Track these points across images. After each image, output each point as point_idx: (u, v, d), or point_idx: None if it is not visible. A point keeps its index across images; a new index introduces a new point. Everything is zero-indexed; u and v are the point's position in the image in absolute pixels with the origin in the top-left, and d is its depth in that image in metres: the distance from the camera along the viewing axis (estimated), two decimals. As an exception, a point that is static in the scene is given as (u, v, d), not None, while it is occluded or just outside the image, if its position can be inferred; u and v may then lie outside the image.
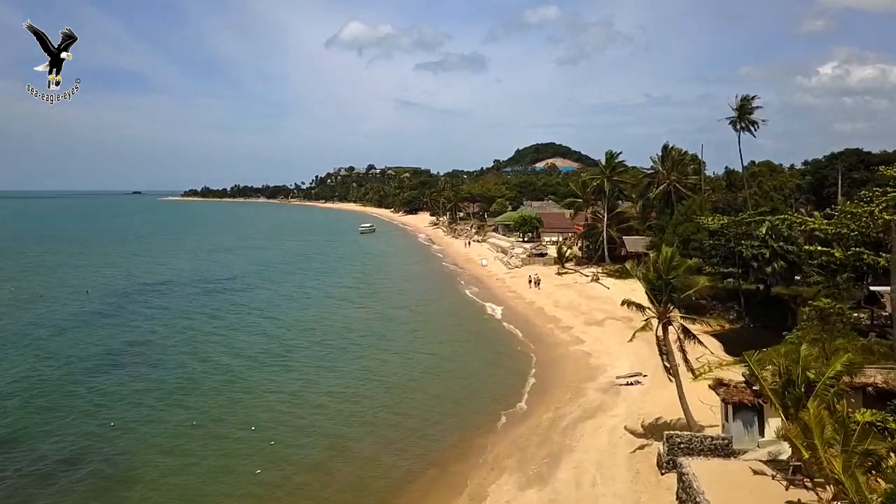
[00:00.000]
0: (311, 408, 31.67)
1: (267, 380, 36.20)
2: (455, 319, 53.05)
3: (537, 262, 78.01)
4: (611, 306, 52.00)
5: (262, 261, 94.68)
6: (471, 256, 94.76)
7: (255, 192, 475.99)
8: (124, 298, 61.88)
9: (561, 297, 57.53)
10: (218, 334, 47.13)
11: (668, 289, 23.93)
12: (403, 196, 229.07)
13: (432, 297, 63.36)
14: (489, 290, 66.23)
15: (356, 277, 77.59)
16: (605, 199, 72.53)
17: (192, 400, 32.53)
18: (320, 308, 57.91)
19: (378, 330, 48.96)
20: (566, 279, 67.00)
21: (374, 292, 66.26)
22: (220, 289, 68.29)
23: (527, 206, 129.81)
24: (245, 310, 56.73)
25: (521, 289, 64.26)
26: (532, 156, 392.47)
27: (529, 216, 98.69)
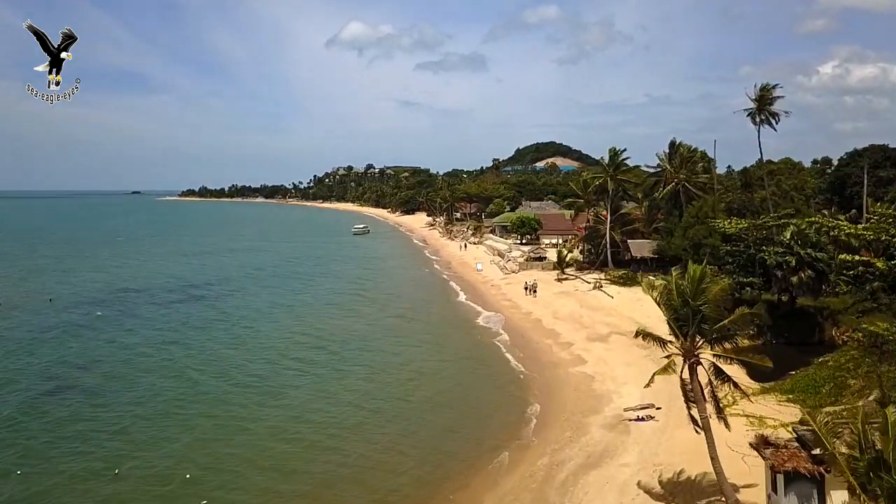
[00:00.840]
0: (287, 444, 26.77)
1: (238, 409, 31.32)
2: (445, 333, 48.07)
3: (535, 266, 72.97)
4: (616, 319, 47.01)
5: (247, 264, 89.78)
6: (466, 260, 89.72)
7: (252, 192, 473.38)
8: (91, 307, 56.95)
9: (560, 307, 52.50)
10: (187, 350, 42.23)
11: (696, 318, 18.81)
12: (400, 196, 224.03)
13: (422, 307, 58.38)
14: (483, 298, 61.21)
15: (344, 284, 72.61)
16: (609, 199, 67.48)
17: (141, 445, 27.51)
18: (300, 320, 52.94)
19: (359, 346, 44.01)
20: (566, 286, 61.98)
21: (361, 301, 61.25)
22: (199, 296, 63.34)
23: (525, 207, 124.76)
24: (218, 321, 51.84)
25: (518, 296, 59.27)
26: (532, 155, 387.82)
27: (528, 217, 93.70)
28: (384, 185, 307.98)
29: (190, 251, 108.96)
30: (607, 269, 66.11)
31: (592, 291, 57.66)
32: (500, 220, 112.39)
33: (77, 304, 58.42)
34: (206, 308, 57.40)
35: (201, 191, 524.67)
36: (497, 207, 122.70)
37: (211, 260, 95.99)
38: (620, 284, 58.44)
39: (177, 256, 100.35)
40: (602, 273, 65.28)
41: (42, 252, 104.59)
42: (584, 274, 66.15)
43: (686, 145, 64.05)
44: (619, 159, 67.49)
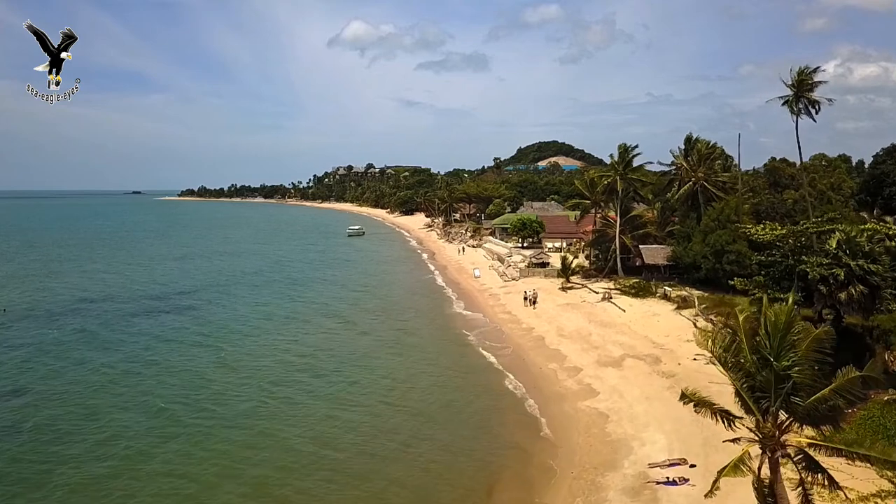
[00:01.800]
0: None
1: (218, 456, 25.67)
2: (436, 354, 42.17)
3: (538, 273, 67.11)
4: (629, 337, 41.14)
5: (232, 269, 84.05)
6: (463, 265, 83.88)
7: (251, 192, 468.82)
8: (48, 321, 51.29)
9: (566, 323, 46.65)
10: (157, 375, 36.47)
11: (783, 388, 12.87)
12: (398, 196, 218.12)
13: (413, 320, 52.59)
14: (481, 309, 55.36)
15: (331, 292, 66.75)
16: (618, 200, 61.57)
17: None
18: (277, 334, 47.23)
19: (341, 368, 38.28)
20: (572, 296, 56.12)
21: (347, 312, 55.41)
22: (168, 307, 57.47)
23: (527, 208, 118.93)
24: (196, 336, 46.17)
25: (518, 308, 53.45)
26: (534, 154, 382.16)
27: (529, 219, 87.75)
28: (384, 184, 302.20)
29: (176, 254, 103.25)
30: (617, 277, 60.24)
31: (601, 303, 51.79)
32: (499, 221, 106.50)
33: (34, 318, 52.72)
34: (183, 320, 51.64)
35: (200, 191, 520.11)
36: (497, 208, 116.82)
37: (196, 264, 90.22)
38: (632, 295, 52.57)
39: (161, 260, 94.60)
40: (611, 282, 59.42)
41: (21, 255, 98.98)
42: (592, 282, 60.27)
43: (704, 140, 58.15)
44: (629, 156, 61.55)
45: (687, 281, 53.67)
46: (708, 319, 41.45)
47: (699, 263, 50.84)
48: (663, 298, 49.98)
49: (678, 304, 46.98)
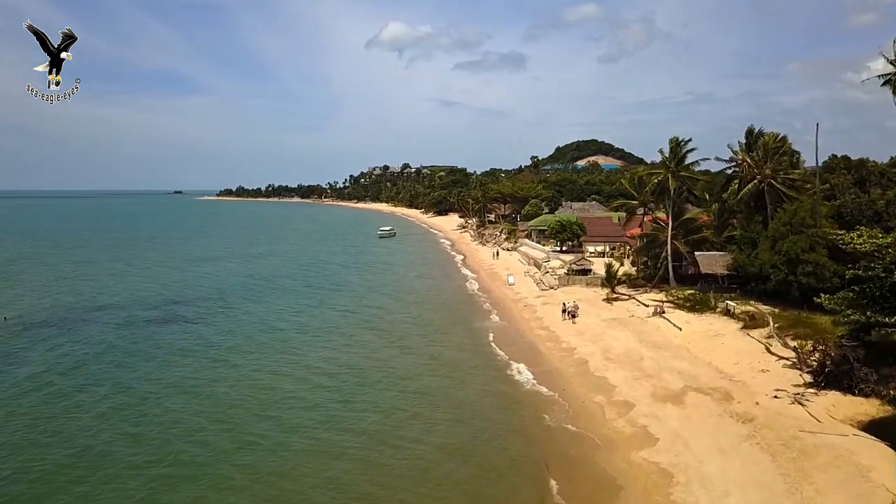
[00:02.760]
0: None
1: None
2: (462, 375, 36.62)
3: (578, 281, 60.90)
4: (689, 364, 34.84)
5: (255, 273, 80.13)
6: (496, 270, 78.12)
7: (288, 192, 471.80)
8: (45, 330, 47.72)
9: (613, 343, 40.50)
10: (141, 406, 31.88)
11: None
12: (432, 196, 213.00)
13: (439, 335, 47.16)
14: (515, 323, 49.59)
15: (356, 300, 61.71)
16: (670, 201, 54.92)
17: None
18: (293, 349, 42.37)
19: (359, 392, 33.12)
20: (618, 310, 49.84)
21: (371, 327, 50.22)
22: (182, 316, 53.16)
23: (566, 209, 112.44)
24: (194, 354, 41.21)
25: (556, 322, 47.50)
26: (573, 153, 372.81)
27: (569, 220, 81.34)
28: (419, 184, 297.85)
29: (198, 256, 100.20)
30: (668, 287, 53.71)
31: (653, 319, 45.42)
32: (536, 223, 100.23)
33: (31, 326, 49.19)
34: (184, 334, 47.15)
35: (238, 190, 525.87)
36: (533, 209, 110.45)
37: (216, 267, 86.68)
38: (688, 310, 46.08)
39: (180, 263, 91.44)
40: (662, 293, 52.96)
41: (44, 257, 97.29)
42: (640, 293, 53.83)
43: (771, 133, 51.09)
44: (682, 152, 54.86)
45: (751, 293, 46.93)
46: (784, 343, 34.83)
47: (767, 274, 44.10)
48: (725, 314, 43.36)
49: (744, 323, 40.35)
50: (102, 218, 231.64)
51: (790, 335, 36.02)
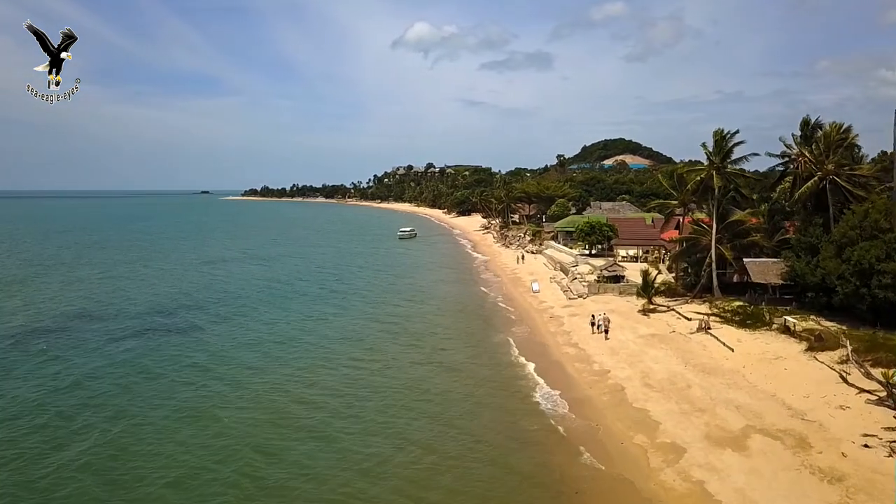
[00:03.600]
0: None
1: None
2: (477, 402, 31.73)
3: (610, 289, 55.45)
4: (748, 395, 29.35)
5: (269, 276, 76.32)
6: (520, 275, 72.89)
7: (313, 192, 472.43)
8: (32, 338, 44.15)
9: (654, 365, 35.14)
10: (132, 428, 27.69)
11: None
12: (455, 196, 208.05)
13: (455, 350, 42.28)
14: (539, 338, 44.42)
15: (369, 306, 57.38)
16: (714, 200, 49.21)
17: None
18: (298, 369, 37.88)
19: (364, 421, 28.45)
20: (656, 323, 44.37)
21: (383, 339, 45.64)
22: (186, 324, 49.09)
23: (594, 209, 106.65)
24: (193, 368, 37.23)
25: (587, 337, 42.27)
26: (600, 152, 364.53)
27: (599, 222, 75.74)
28: (442, 184, 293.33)
29: (215, 258, 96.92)
30: (712, 297, 48.07)
31: (697, 335, 39.90)
32: (563, 224, 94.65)
33: (17, 334, 45.59)
34: (195, 347, 42.60)
35: (263, 190, 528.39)
36: (560, 209, 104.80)
37: (229, 270, 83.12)
38: (738, 325, 40.46)
39: (191, 265, 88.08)
40: (704, 303, 47.36)
41: (60, 255, 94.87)
42: (680, 304, 48.25)
43: (834, 123, 45.01)
44: (727, 146, 49.12)
45: (810, 307, 41.15)
46: (866, 371, 29.16)
47: (832, 285, 38.32)
48: (783, 332, 37.68)
49: (809, 343, 34.66)
50: (128, 218, 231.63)
51: (869, 360, 30.33)
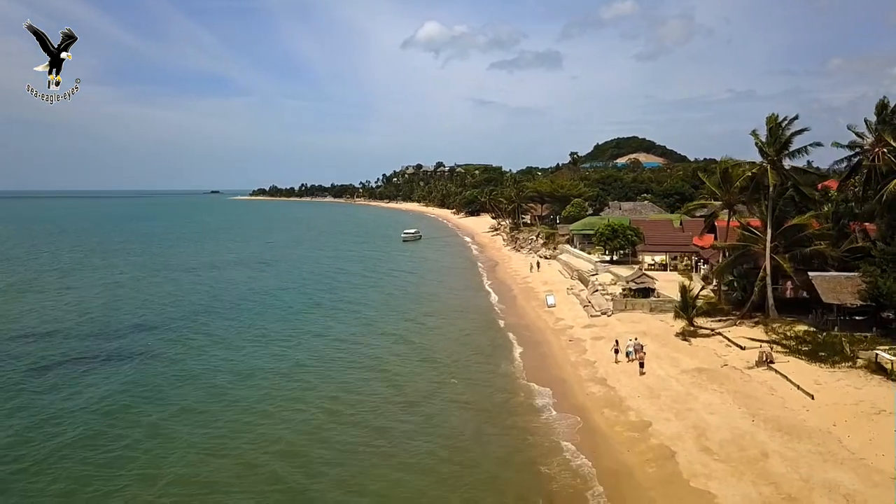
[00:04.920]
0: None
1: None
2: (481, 468, 23.77)
3: (640, 306, 47.11)
4: (854, 475, 20.90)
5: (257, 285, 68.82)
6: (533, 285, 64.66)
7: (321, 192, 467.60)
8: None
9: (708, 416, 26.81)
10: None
11: None
12: (464, 196, 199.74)
13: (451, 388, 34.33)
14: (557, 370, 36.20)
15: (360, 327, 49.62)
16: (769, 201, 40.73)
17: None
18: (269, 402, 30.22)
19: (351, 475, 20.64)
20: (701, 352, 35.99)
21: (370, 368, 37.92)
22: (146, 346, 42.01)
23: (613, 209, 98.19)
24: (148, 402, 30.11)
25: (616, 371, 34.07)
26: (613, 151, 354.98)
27: (622, 224, 67.31)
28: (451, 183, 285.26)
29: (201, 263, 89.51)
30: (765, 318, 39.63)
31: (757, 371, 31.52)
32: (580, 226, 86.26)
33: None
34: (142, 370, 35.69)
35: (271, 190, 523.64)
36: (576, 210, 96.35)
37: (214, 277, 75.65)
38: (808, 357, 32.02)
39: (178, 271, 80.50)
40: (757, 325, 38.94)
41: (45, 259, 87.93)
42: (727, 326, 39.83)
43: (925, 106, 36.55)
44: (784, 135, 40.61)
45: (898, 333, 32.69)
46: None
47: (933, 309, 29.84)
48: (876, 371, 29.25)
49: (916, 390, 26.22)
50: (129, 218, 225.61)
51: None
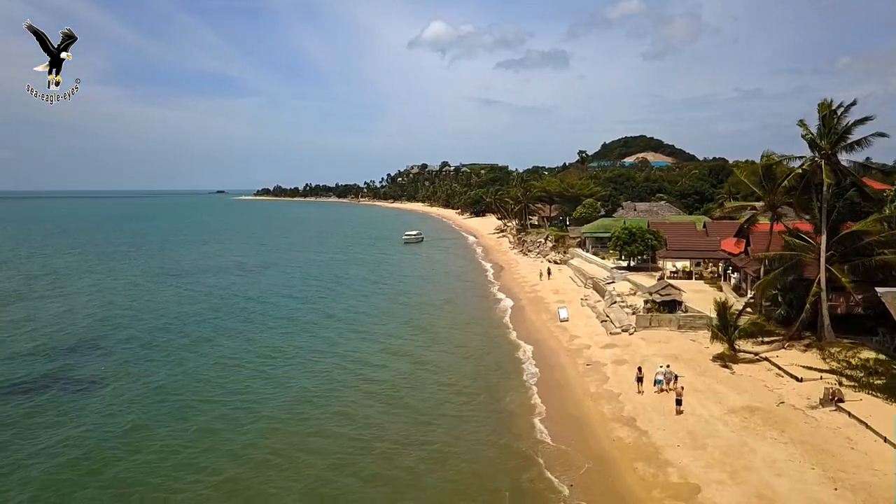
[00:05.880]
0: None
1: None
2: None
3: (665, 322, 41.11)
4: None
5: (242, 292, 63.44)
6: (542, 294, 58.75)
7: (325, 192, 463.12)
8: None
9: (775, 480, 20.86)
10: None
11: None
12: (469, 195, 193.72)
13: (444, 431, 28.66)
14: (573, 406, 30.36)
15: (350, 345, 44.21)
16: (823, 202, 34.74)
17: None
18: (229, 442, 24.65)
19: None
20: (746, 381, 30.04)
21: (357, 393, 32.41)
22: (94, 374, 36.86)
23: (628, 210, 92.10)
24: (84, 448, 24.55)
25: (646, 406, 28.21)
26: (620, 150, 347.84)
27: (640, 227, 61.23)
28: (456, 183, 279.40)
29: (194, 267, 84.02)
30: (818, 339, 33.66)
31: (821, 411, 25.55)
32: (592, 228, 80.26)
33: None
34: (89, 410, 30.22)
35: (275, 190, 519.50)
36: (588, 211, 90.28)
37: (198, 283, 70.21)
38: (886, 393, 26.09)
39: (166, 276, 75.15)
40: (810, 349, 32.98)
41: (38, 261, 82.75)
42: (773, 350, 33.87)
43: None
44: (841, 125, 34.62)
45: None
46: None
47: None
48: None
49: None
50: (128, 219, 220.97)
51: None
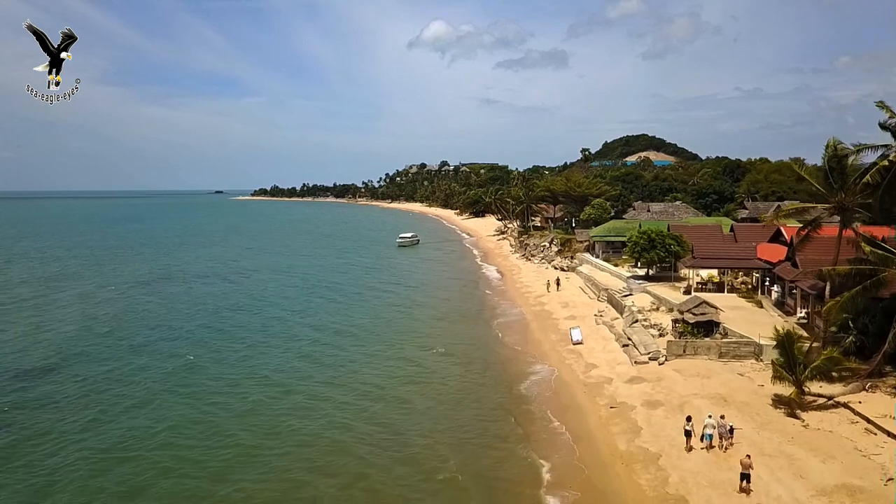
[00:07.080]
0: None
1: None
2: None
3: (702, 349, 33.67)
4: None
5: (214, 305, 56.55)
6: (550, 308, 51.37)
7: (323, 192, 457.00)
8: None
9: None
10: None
11: None
12: (468, 195, 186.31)
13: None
14: (602, 480, 22.96)
15: (324, 374, 36.97)
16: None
17: None
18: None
19: None
20: (828, 442, 22.63)
21: (327, 445, 25.06)
22: (42, 398, 29.62)
23: (640, 211, 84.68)
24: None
25: (698, 483, 20.81)
26: (622, 149, 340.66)
27: (660, 232, 53.72)
28: (455, 182, 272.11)
29: (177, 273, 77.26)
30: (911, 379, 26.26)
31: (960, 501, 18.17)
32: (602, 231, 72.89)
33: None
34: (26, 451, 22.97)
35: (273, 190, 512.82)
36: (597, 212, 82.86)
37: (167, 293, 63.11)
38: None
39: (143, 284, 68.25)
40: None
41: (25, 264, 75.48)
42: (853, 393, 26.46)
43: None
44: (933, 106, 27.22)
45: None
46: None
47: None
48: None
49: None
50: (120, 220, 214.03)
51: None
